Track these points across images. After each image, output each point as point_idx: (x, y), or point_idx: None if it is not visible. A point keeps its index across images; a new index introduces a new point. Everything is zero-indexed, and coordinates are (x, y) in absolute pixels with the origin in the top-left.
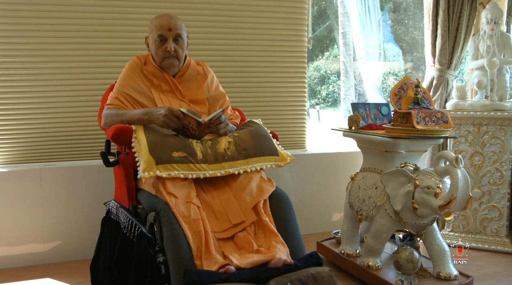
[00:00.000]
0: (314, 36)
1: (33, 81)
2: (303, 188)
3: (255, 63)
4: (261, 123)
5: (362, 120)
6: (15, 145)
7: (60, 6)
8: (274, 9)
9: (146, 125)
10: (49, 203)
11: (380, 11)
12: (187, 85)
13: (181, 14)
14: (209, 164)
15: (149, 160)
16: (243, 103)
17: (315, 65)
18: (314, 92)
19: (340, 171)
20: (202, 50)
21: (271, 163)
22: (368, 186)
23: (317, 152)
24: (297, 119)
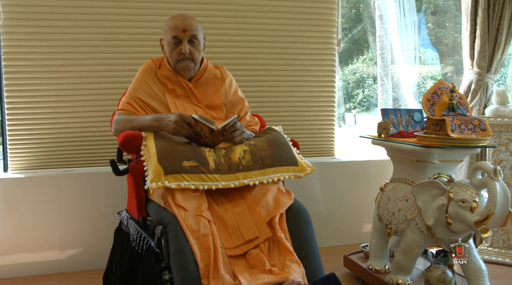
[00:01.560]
0: (351, 38)
1: (51, 85)
2: (332, 196)
3: (280, 67)
4: (281, 130)
5: (392, 127)
6: (33, 150)
7: (78, 8)
8: (301, 9)
9: (157, 132)
10: (67, 210)
11: (416, 13)
12: (203, 90)
13: (200, 15)
14: (222, 174)
15: (158, 169)
16: (266, 108)
17: (351, 69)
18: (350, 97)
19: (370, 180)
20: (221, 53)
21: (289, 174)
22: (398, 198)
23: (347, 159)
24: (326, 125)
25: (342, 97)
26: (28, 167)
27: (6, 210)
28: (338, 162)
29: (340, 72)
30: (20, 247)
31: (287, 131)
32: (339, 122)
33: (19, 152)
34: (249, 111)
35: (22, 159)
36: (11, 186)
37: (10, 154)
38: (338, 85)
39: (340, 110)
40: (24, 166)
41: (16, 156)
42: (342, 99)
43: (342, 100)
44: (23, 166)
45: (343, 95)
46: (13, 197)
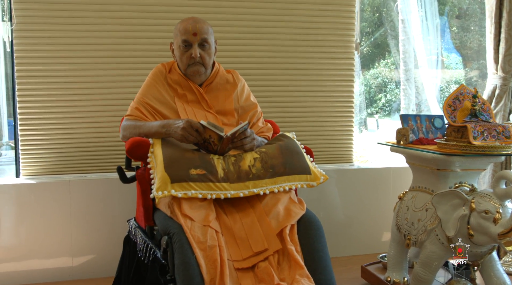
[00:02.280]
0: (374, 43)
1: (64, 90)
2: (351, 204)
3: (296, 71)
4: (294, 137)
5: (412, 133)
6: (45, 156)
7: (90, 12)
8: (318, 12)
9: (165, 138)
10: (78, 216)
11: (438, 16)
12: (214, 95)
13: (212, 18)
14: (231, 182)
15: (164, 177)
16: (280, 114)
17: (373, 73)
18: (372, 101)
19: (390, 188)
20: (234, 57)
21: (301, 182)
22: (417, 208)
23: (365, 166)
24: (344, 131)
25: (363, 102)
26: (40, 172)
27: (17, 216)
28: (356, 169)
29: (361, 76)
30: (32, 253)
31: (303, 137)
32: (360, 127)
33: (31, 158)
34: (262, 117)
35: (34, 165)
36: (23, 192)
37: (22, 160)
38: (360, 90)
39: (361, 115)
40: (36, 172)
41: (28, 162)
42: (364, 104)
43: (363, 105)
44: (35, 171)
45: (364, 100)
46: (24, 203)
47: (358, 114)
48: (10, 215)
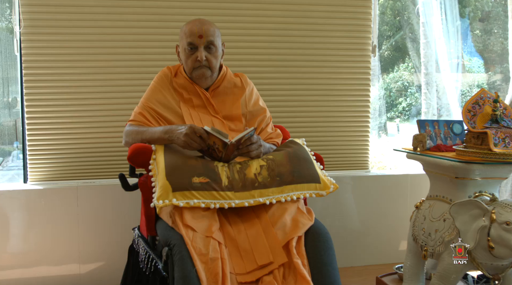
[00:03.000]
0: (395, 46)
1: (72, 95)
2: (367, 212)
3: (309, 75)
4: (304, 143)
5: (429, 140)
6: (52, 161)
7: (99, 15)
8: (332, 14)
9: (168, 145)
10: (86, 223)
11: (459, 18)
12: (221, 99)
13: (221, 21)
14: (235, 191)
15: (165, 185)
16: (291, 118)
17: (393, 77)
18: (392, 105)
19: (407, 195)
20: (243, 60)
21: (310, 192)
22: (434, 218)
23: (382, 173)
24: (360, 137)
25: (383, 106)
26: (48, 178)
27: (24, 222)
28: (372, 175)
29: (381, 80)
30: (39, 260)
31: (316, 143)
32: (379, 132)
33: (39, 163)
34: (271, 122)
35: (42, 170)
36: (30, 198)
37: (29, 165)
38: (380, 94)
39: (381, 120)
40: (44, 177)
41: (36, 167)
42: (384, 108)
43: (383, 109)
44: (42, 177)
45: (384, 104)
46: (32, 209)
47: (378, 119)
48: (17, 221)
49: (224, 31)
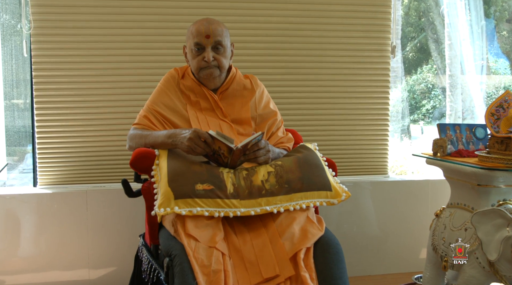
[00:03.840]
0: (419, 47)
1: (82, 97)
2: (386, 218)
3: (324, 76)
4: (316, 148)
5: (450, 144)
6: (62, 164)
7: (110, 15)
8: (349, 14)
9: (172, 150)
10: (95, 228)
11: (484, 18)
12: (230, 102)
13: (232, 21)
14: (241, 199)
15: (167, 192)
16: (304, 122)
17: (416, 79)
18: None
19: (428, 202)
20: (254, 61)
21: (320, 200)
22: (455, 227)
23: (401, 178)
24: (378, 141)
25: (406, 109)
26: (57, 182)
27: (33, 226)
28: (392, 181)
29: (404, 82)
30: (48, 265)
31: (332, 147)
32: (401, 135)
33: (49, 166)
34: (283, 126)
35: (52, 174)
36: (39, 202)
37: (39, 168)
38: (403, 96)
39: (404, 122)
40: (53, 181)
41: (45, 171)
42: (407, 111)
43: (406, 111)
44: (52, 180)
45: (408, 107)
46: (40, 213)
47: (400, 122)
48: (26, 225)
49: (233, 32)
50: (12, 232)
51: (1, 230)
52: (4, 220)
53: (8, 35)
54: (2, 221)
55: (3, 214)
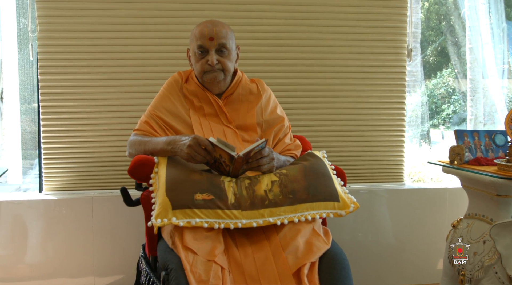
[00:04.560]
0: (440, 51)
1: (88, 101)
2: (402, 227)
3: (336, 80)
4: (325, 156)
5: (468, 152)
6: (67, 170)
7: (117, 18)
8: (363, 16)
9: (172, 157)
10: (101, 235)
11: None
12: (235, 107)
13: (240, 23)
14: (242, 210)
15: (165, 202)
16: (315, 127)
17: (436, 83)
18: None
19: (446, 211)
20: (261, 65)
21: (327, 211)
22: (473, 239)
23: (417, 186)
24: (394, 147)
25: (426, 113)
26: (63, 188)
27: (38, 234)
28: (408, 189)
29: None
30: (53, 272)
31: (344, 154)
32: (420, 141)
33: (54, 172)
34: (290, 132)
35: (57, 180)
36: (44, 208)
37: (45, 174)
38: (422, 100)
39: (423, 128)
40: (59, 187)
41: (51, 176)
42: (427, 115)
43: (426, 116)
44: (58, 186)
45: (427, 111)
46: (45, 220)
47: (420, 127)
48: (31, 232)
49: (240, 35)
50: (16, 239)
51: (7, 236)
52: (10, 226)
53: (25, 40)
54: (8, 227)
55: (7, 220)
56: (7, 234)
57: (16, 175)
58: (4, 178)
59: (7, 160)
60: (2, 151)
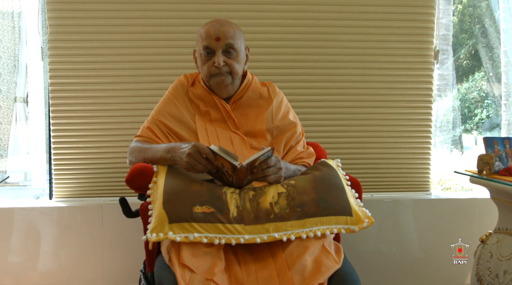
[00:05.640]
0: (473, 54)
1: (98, 105)
2: (429, 239)
3: (355, 84)
4: (339, 165)
5: (498, 161)
6: (78, 176)
7: (130, 20)
8: (386, 16)
9: (172, 166)
10: (111, 243)
11: None
12: (244, 113)
13: (253, 24)
14: (246, 224)
15: (161, 215)
16: (333, 133)
17: (468, 87)
18: (468, 117)
19: (475, 223)
20: (274, 68)
21: (338, 226)
22: (503, 256)
23: (445, 196)
24: (419, 154)
25: (458, 118)
26: (73, 195)
27: (47, 242)
28: (434, 199)
29: (454, 90)
30: (64, 281)
31: (364, 161)
32: (450, 146)
33: (65, 178)
34: (304, 139)
35: (67, 186)
36: (54, 216)
37: (55, 181)
38: (454, 105)
39: (455, 133)
40: (69, 194)
41: (61, 183)
42: (459, 120)
43: (458, 121)
44: (68, 193)
45: (459, 116)
46: (55, 228)
47: (451, 132)
48: (40, 240)
49: (250, 36)
50: (26, 247)
51: (18, 243)
52: (22, 233)
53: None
54: (20, 234)
55: (11, 228)
56: (17, 241)
57: (41, 179)
58: (28, 182)
59: (32, 163)
60: (27, 154)
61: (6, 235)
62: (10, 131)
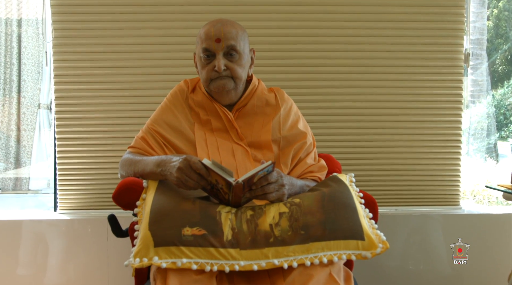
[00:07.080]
0: (510, 59)
1: (104, 113)
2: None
3: (377, 90)
4: (353, 181)
5: None
6: (83, 188)
7: (137, 23)
8: (413, 17)
9: (163, 181)
10: (116, 258)
11: None
12: (248, 121)
13: (260, 27)
14: (241, 249)
15: (146, 237)
16: (351, 142)
17: (503, 93)
18: (504, 124)
19: (510, 239)
20: (283, 73)
21: (348, 252)
22: None
23: (476, 211)
24: (448, 166)
25: (493, 125)
26: (78, 207)
27: (51, 256)
28: (464, 214)
29: (488, 97)
30: None
31: (387, 172)
32: (484, 155)
33: (69, 190)
34: (315, 150)
35: (72, 198)
36: (57, 228)
37: (59, 192)
38: (488, 112)
39: (489, 140)
40: (74, 206)
41: (66, 194)
42: (494, 128)
43: (493, 128)
44: (72, 205)
45: (494, 123)
46: (59, 241)
47: (485, 140)
48: (42, 253)
49: (257, 39)
50: (29, 260)
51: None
52: (22, 247)
53: None
54: (23, 247)
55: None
56: (23, 254)
57: None
58: (51, 189)
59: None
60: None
61: (10, 247)
62: (33, 138)
